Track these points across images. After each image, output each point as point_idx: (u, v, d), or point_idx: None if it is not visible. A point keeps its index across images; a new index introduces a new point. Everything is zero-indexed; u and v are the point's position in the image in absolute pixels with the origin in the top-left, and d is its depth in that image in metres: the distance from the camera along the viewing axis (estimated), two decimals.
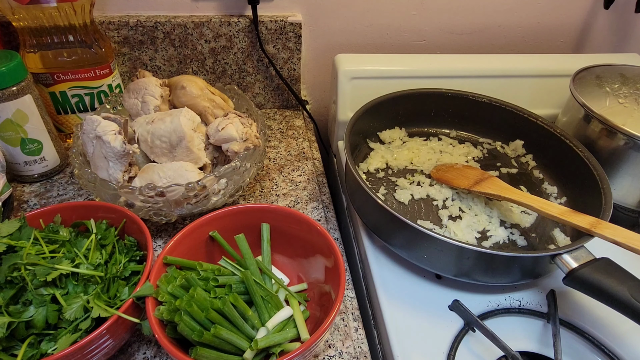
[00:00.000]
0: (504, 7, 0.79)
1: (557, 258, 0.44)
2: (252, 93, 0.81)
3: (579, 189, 0.58)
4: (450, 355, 0.45)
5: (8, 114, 0.56)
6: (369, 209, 0.54)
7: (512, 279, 0.49)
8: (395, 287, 0.51)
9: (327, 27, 0.78)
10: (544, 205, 0.51)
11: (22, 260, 0.40)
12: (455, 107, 0.69)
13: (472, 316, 0.46)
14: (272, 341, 0.40)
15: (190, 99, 0.59)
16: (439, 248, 0.46)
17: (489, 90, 0.69)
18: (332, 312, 0.39)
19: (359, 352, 0.46)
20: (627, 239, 0.44)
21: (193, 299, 0.39)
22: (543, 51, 0.85)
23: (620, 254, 0.45)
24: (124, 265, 0.44)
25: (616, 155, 0.58)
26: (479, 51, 0.83)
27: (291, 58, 0.77)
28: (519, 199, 0.53)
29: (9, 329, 0.38)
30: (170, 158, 0.54)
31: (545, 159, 0.65)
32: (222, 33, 0.73)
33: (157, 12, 0.72)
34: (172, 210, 0.52)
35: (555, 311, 0.48)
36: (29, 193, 0.62)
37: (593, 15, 0.83)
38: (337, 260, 0.44)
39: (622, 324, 0.48)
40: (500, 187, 0.56)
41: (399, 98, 0.66)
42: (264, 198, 0.64)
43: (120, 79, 0.69)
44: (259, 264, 0.47)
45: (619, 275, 0.41)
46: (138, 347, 0.45)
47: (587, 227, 0.46)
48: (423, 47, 0.82)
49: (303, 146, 0.74)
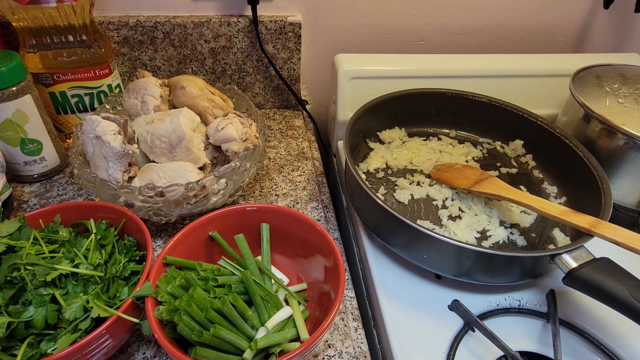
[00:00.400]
0: (504, 7, 0.79)
1: (556, 258, 0.44)
2: (251, 93, 0.81)
3: (578, 189, 0.58)
4: (450, 355, 0.45)
5: (8, 114, 0.56)
6: (368, 209, 0.54)
7: (511, 279, 0.49)
8: (395, 287, 0.51)
9: (326, 27, 0.78)
10: (543, 205, 0.51)
11: (22, 260, 0.40)
12: (455, 107, 0.69)
13: (471, 316, 0.46)
14: (272, 341, 0.40)
15: (189, 99, 0.59)
16: (438, 248, 0.46)
17: (489, 90, 0.69)
18: (331, 312, 0.39)
19: (358, 352, 0.46)
20: (627, 238, 0.44)
21: (192, 298, 0.39)
22: (543, 51, 0.85)
23: (620, 254, 0.45)
24: (123, 265, 0.44)
25: (616, 155, 0.58)
26: (478, 51, 0.83)
27: (291, 58, 0.77)
28: (519, 198, 0.53)
29: (8, 329, 0.38)
30: (169, 158, 0.54)
31: (545, 159, 0.65)
32: (222, 33, 0.73)
33: (156, 12, 0.72)
34: (171, 210, 0.52)
35: (555, 311, 0.48)
36: (28, 193, 0.62)
37: (593, 15, 0.83)
38: (337, 260, 0.44)
39: (621, 324, 0.48)
40: (500, 187, 0.56)
41: (398, 98, 0.66)
42: (264, 198, 0.64)
43: (120, 79, 0.69)
44: (259, 263, 0.47)
45: (618, 275, 0.41)
46: (138, 347, 0.45)
47: (587, 227, 0.46)
48: (423, 47, 0.82)
49: (303, 146, 0.74)
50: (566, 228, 0.56)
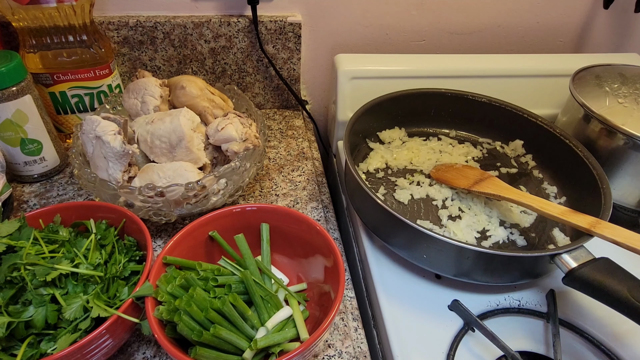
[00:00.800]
0: (504, 7, 0.79)
1: (556, 258, 0.44)
2: (251, 93, 0.81)
3: (578, 189, 0.58)
4: (449, 355, 0.45)
5: (8, 114, 0.56)
6: (368, 209, 0.54)
7: (511, 279, 0.49)
8: (395, 287, 0.51)
9: (326, 27, 0.78)
10: (543, 205, 0.51)
11: (22, 260, 0.40)
12: (455, 107, 0.69)
13: (471, 316, 0.46)
14: (272, 341, 0.40)
15: (189, 99, 0.59)
16: (438, 248, 0.46)
17: (489, 90, 0.69)
18: (331, 312, 0.39)
19: (358, 352, 0.46)
20: (627, 238, 0.44)
21: (192, 298, 0.39)
22: (543, 51, 0.85)
23: (619, 254, 0.45)
24: (123, 265, 0.44)
25: (616, 155, 0.58)
26: (478, 51, 0.83)
27: (291, 58, 0.77)
28: (519, 199, 0.53)
29: (8, 328, 0.38)
30: (169, 158, 0.54)
31: (544, 159, 0.66)
32: (222, 33, 0.73)
33: (156, 12, 0.72)
34: (171, 210, 0.52)
35: (554, 311, 0.48)
36: (28, 193, 0.62)
37: (593, 15, 0.83)
38: (337, 260, 0.44)
39: (621, 324, 0.48)
40: (500, 187, 0.56)
41: (398, 98, 0.66)
42: (264, 198, 0.64)
43: (120, 79, 0.69)
44: (259, 263, 0.47)
45: (618, 275, 0.41)
46: (137, 347, 0.45)
47: (586, 227, 0.46)
48: (423, 47, 0.82)
49: (303, 146, 0.75)
50: (566, 228, 0.56)
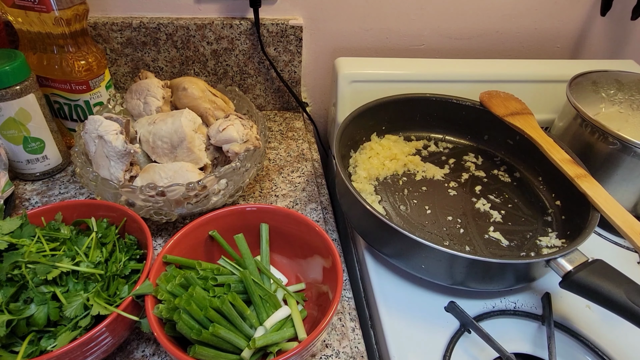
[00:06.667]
0: (502, 13, 0.80)
1: (552, 262, 0.45)
2: (253, 95, 0.82)
3: (570, 191, 0.59)
4: (446, 356, 0.45)
5: (11, 112, 0.56)
6: (358, 215, 0.53)
7: (507, 285, 0.49)
8: (392, 288, 0.51)
9: (327, 30, 0.78)
10: (551, 148, 0.57)
11: (23, 258, 0.40)
12: (442, 111, 0.69)
13: (467, 318, 0.47)
14: (270, 340, 0.40)
15: (191, 100, 0.59)
16: (431, 256, 0.46)
17: None
18: (329, 312, 0.39)
19: (355, 352, 0.46)
20: (604, 201, 0.48)
21: (192, 297, 0.40)
22: (540, 57, 0.86)
23: (611, 256, 0.45)
24: (124, 264, 0.45)
25: (611, 160, 0.59)
26: (477, 56, 0.84)
27: (292, 61, 0.78)
28: (537, 138, 0.58)
29: (9, 326, 0.38)
30: (171, 158, 0.54)
31: (537, 163, 0.65)
32: (224, 35, 0.73)
33: (160, 13, 0.72)
34: (172, 210, 0.52)
35: (550, 313, 0.48)
36: (30, 191, 0.63)
37: (590, 22, 0.84)
38: (335, 261, 0.44)
39: (615, 327, 0.49)
40: (529, 125, 0.61)
41: (388, 104, 0.65)
42: (264, 198, 0.64)
43: (107, 96, 0.65)
44: (258, 263, 0.47)
45: (614, 277, 0.42)
46: (137, 344, 0.46)
47: (572, 175, 0.52)
48: (422, 51, 0.83)
49: (303, 148, 0.75)
50: (553, 223, 0.58)
